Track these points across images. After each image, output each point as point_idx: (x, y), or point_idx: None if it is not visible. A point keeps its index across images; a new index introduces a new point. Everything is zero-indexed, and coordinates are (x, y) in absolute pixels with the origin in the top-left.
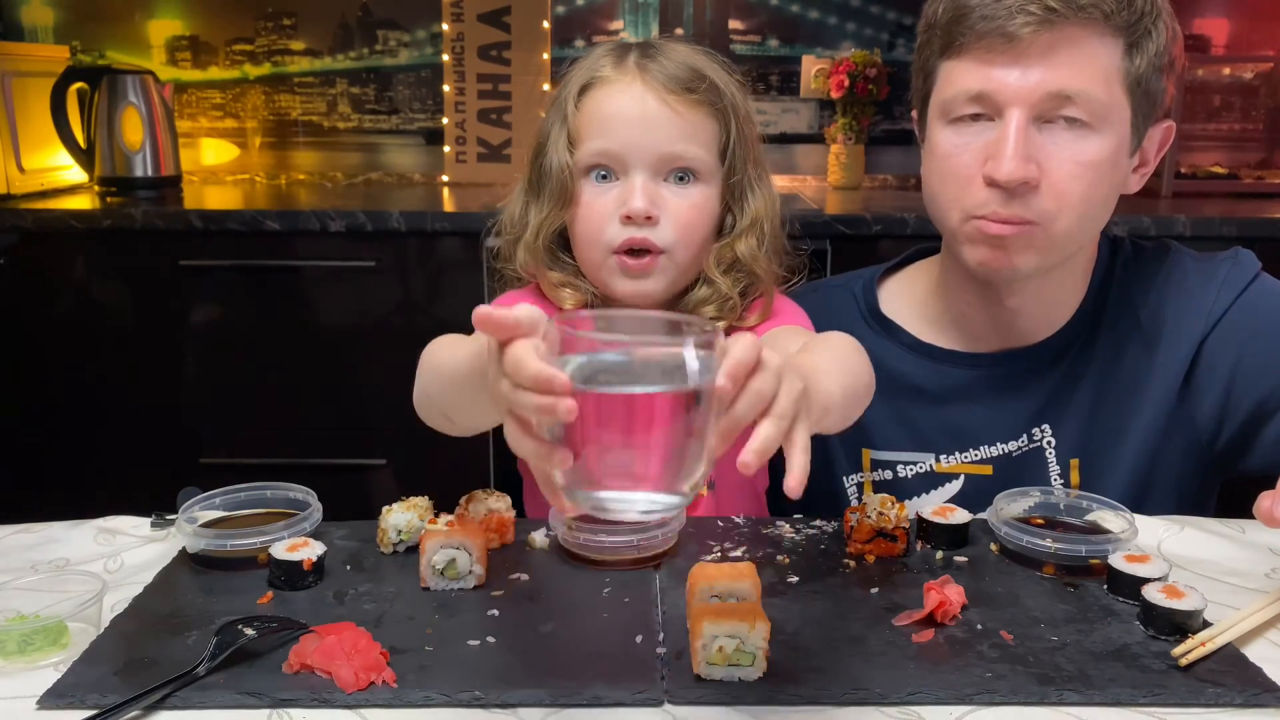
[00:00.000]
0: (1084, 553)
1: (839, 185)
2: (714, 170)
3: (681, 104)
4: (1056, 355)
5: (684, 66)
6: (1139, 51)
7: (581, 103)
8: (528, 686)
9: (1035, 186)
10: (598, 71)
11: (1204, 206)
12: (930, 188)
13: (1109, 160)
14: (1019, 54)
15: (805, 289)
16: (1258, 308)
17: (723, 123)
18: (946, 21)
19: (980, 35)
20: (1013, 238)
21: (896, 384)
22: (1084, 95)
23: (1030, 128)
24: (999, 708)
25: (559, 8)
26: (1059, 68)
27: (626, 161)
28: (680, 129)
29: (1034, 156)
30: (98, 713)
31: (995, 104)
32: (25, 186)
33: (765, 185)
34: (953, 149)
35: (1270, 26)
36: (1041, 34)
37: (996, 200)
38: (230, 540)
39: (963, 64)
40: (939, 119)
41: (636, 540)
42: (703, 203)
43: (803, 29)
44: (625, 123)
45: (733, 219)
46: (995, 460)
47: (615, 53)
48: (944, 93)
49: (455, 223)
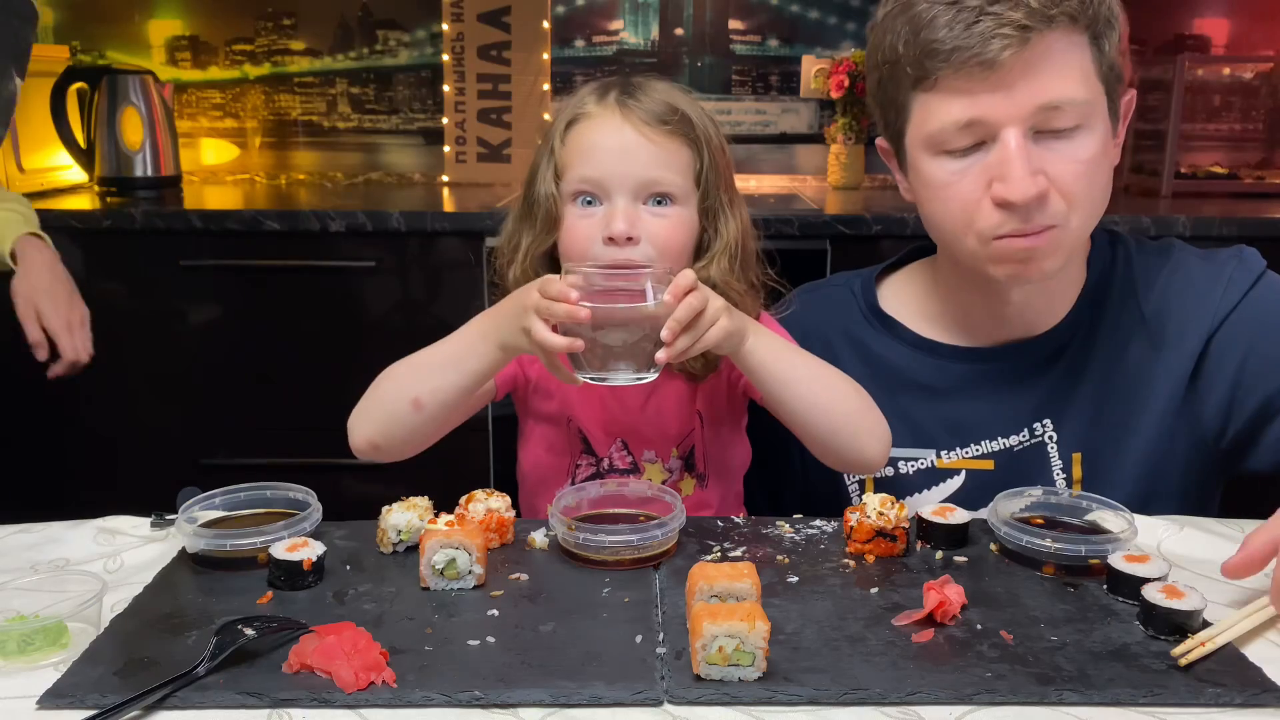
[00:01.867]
0: (1084, 553)
1: (839, 185)
2: (689, 193)
3: (657, 135)
4: (1057, 349)
5: (660, 103)
6: (1105, 40)
7: (567, 136)
8: (528, 686)
9: (1046, 195)
10: (582, 108)
11: (1204, 206)
12: (933, 217)
13: (1102, 150)
14: (1001, 77)
15: (804, 289)
16: (1264, 305)
17: (696, 151)
18: (915, 56)
19: (957, 67)
20: (1041, 245)
21: (897, 380)
22: (1071, 101)
23: (1027, 143)
24: (999, 708)
25: (559, 8)
26: (1042, 80)
27: (608, 187)
28: (656, 157)
29: (1038, 168)
30: (98, 713)
31: (987, 128)
32: (25, 186)
33: (738, 210)
34: (950, 177)
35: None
36: (1020, 53)
37: (1014, 219)
38: (230, 540)
39: (942, 96)
40: (925, 151)
41: (636, 540)
42: (679, 223)
43: (803, 29)
44: (606, 152)
45: (708, 241)
46: (997, 455)
47: (598, 91)
48: (927, 126)
49: (455, 223)
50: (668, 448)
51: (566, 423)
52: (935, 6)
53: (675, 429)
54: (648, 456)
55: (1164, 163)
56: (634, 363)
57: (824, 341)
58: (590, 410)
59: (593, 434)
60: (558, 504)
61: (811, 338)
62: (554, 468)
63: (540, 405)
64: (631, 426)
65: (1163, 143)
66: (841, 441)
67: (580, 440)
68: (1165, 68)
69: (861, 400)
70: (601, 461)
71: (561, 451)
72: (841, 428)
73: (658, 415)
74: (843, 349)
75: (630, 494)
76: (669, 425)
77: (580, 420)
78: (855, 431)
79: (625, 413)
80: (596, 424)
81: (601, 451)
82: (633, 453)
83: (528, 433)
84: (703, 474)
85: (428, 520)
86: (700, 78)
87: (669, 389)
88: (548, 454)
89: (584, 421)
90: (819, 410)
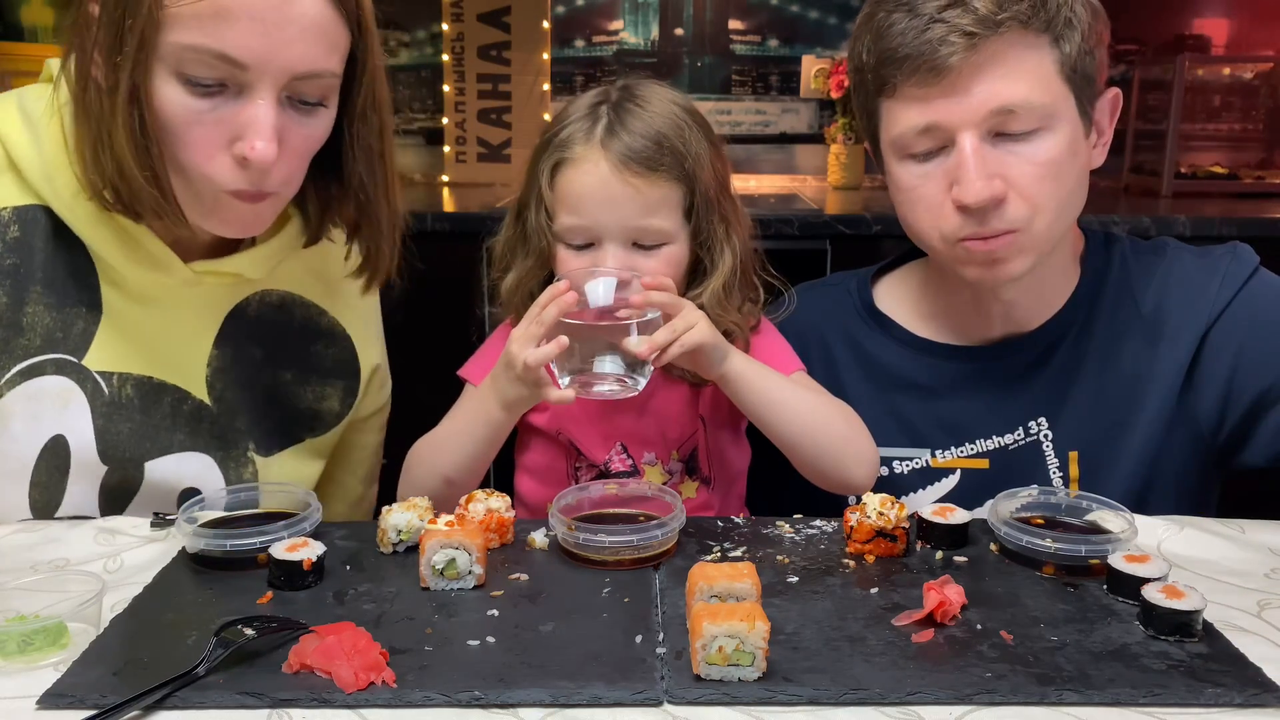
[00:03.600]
0: (1084, 553)
1: (839, 185)
2: (680, 229)
3: (644, 182)
4: (1050, 347)
5: (649, 136)
6: (1065, 41)
7: (555, 181)
8: (528, 686)
9: (1004, 199)
10: (567, 151)
11: (1204, 206)
12: (905, 217)
13: (1067, 151)
14: (952, 82)
15: (801, 288)
16: (1258, 301)
17: (687, 186)
18: (875, 64)
19: (910, 73)
20: (1000, 250)
21: (892, 379)
22: (1025, 104)
23: (984, 146)
24: (999, 708)
25: (559, 8)
26: (994, 83)
27: (598, 234)
28: (644, 205)
29: (996, 172)
30: (98, 713)
31: (944, 132)
32: None
33: (735, 233)
34: (915, 179)
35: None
36: (969, 58)
37: (972, 221)
38: (230, 540)
39: (901, 103)
40: (894, 155)
41: (636, 540)
42: (670, 260)
43: (803, 29)
44: (594, 203)
45: (704, 266)
46: (991, 454)
47: (587, 120)
48: (891, 130)
49: (455, 223)
50: (668, 450)
51: (556, 434)
52: (893, 15)
53: (676, 432)
54: (648, 459)
55: (1164, 163)
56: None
57: (821, 341)
58: (587, 418)
59: (588, 443)
60: (558, 504)
61: (808, 337)
62: (552, 473)
63: (533, 418)
64: (630, 430)
65: (1163, 143)
66: (825, 465)
67: (574, 451)
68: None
69: (848, 426)
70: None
71: (558, 457)
72: (826, 452)
73: (658, 419)
74: (839, 348)
75: (630, 494)
76: (670, 428)
77: (572, 433)
78: (840, 455)
79: (624, 417)
80: (593, 432)
81: (599, 457)
82: (632, 455)
83: (524, 443)
84: (708, 477)
85: (428, 520)
86: (700, 78)
87: (671, 393)
88: (545, 460)
89: (576, 433)
90: (804, 434)
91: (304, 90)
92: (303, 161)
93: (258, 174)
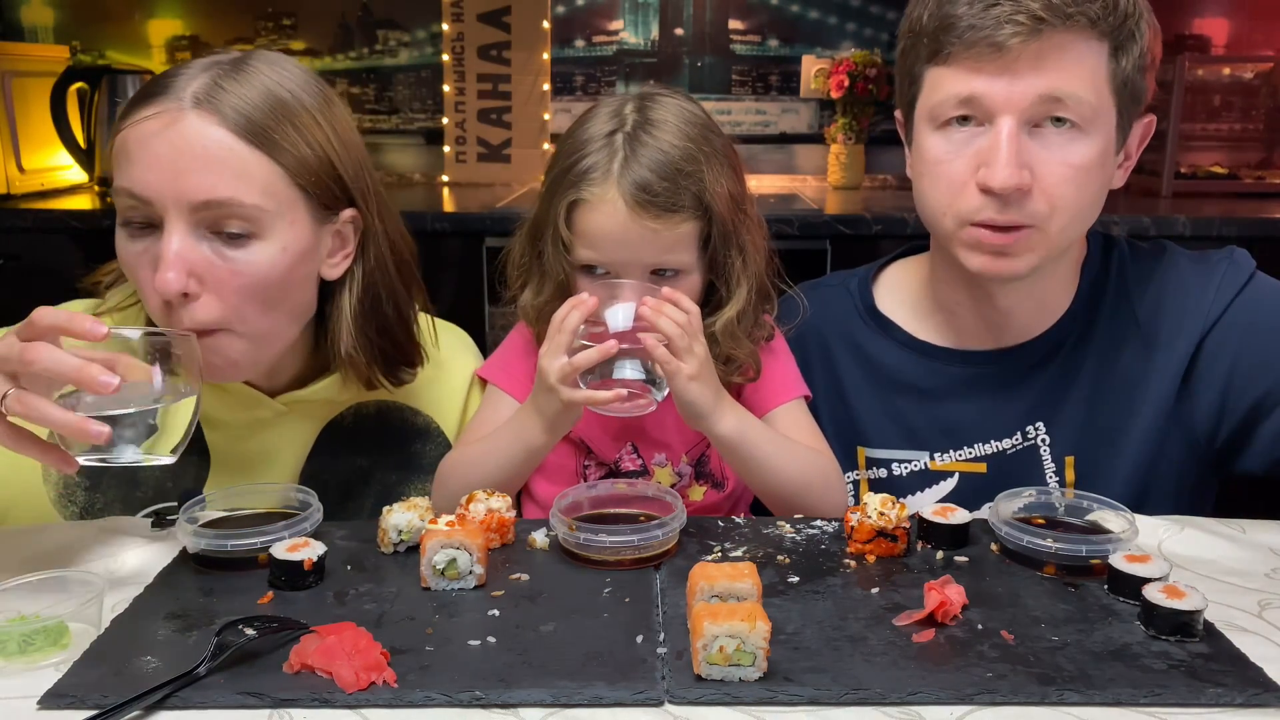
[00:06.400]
0: (1084, 553)
1: (839, 185)
2: (696, 262)
3: (660, 223)
4: (1049, 353)
5: (664, 174)
6: (1124, 53)
7: (571, 220)
8: (528, 686)
9: (1028, 191)
10: (583, 191)
11: (1204, 206)
12: (921, 192)
13: (1098, 161)
14: (1008, 63)
15: (803, 288)
16: (1255, 306)
17: (703, 220)
18: (933, 29)
19: (969, 45)
20: (1011, 245)
21: (892, 382)
22: (1074, 97)
23: (1021, 134)
24: (999, 708)
25: (559, 8)
26: (1048, 74)
27: (616, 269)
28: (661, 245)
29: (1026, 162)
30: (98, 713)
31: (985, 109)
32: (25, 186)
33: (752, 262)
34: (944, 155)
35: (1270, 26)
36: (1030, 43)
37: (992, 206)
38: (230, 540)
39: (950, 71)
40: (927, 123)
41: (637, 540)
42: (686, 288)
43: (803, 29)
44: (612, 242)
45: (720, 298)
46: (989, 458)
47: (602, 154)
48: (932, 97)
49: (455, 223)
50: (678, 453)
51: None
52: None
53: (690, 435)
54: (658, 460)
55: (1164, 163)
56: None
57: (821, 343)
58: (599, 417)
59: (599, 442)
60: (559, 504)
61: (809, 339)
62: (562, 471)
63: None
64: (642, 430)
65: (1163, 143)
66: (797, 506)
67: (585, 450)
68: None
69: (826, 486)
70: (611, 465)
71: (568, 456)
72: (797, 507)
73: (671, 421)
74: (839, 350)
75: (631, 494)
76: (682, 431)
77: (583, 431)
78: (815, 500)
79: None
80: (605, 431)
81: (610, 456)
82: (642, 456)
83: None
84: (719, 480)
85: (428, 520)
86: (700, 78)
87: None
88: (555, 458)
89: (588, 432)
90: (780, 493)
91: (220, 221)
92: (242, 297)
93: (179, 309)
